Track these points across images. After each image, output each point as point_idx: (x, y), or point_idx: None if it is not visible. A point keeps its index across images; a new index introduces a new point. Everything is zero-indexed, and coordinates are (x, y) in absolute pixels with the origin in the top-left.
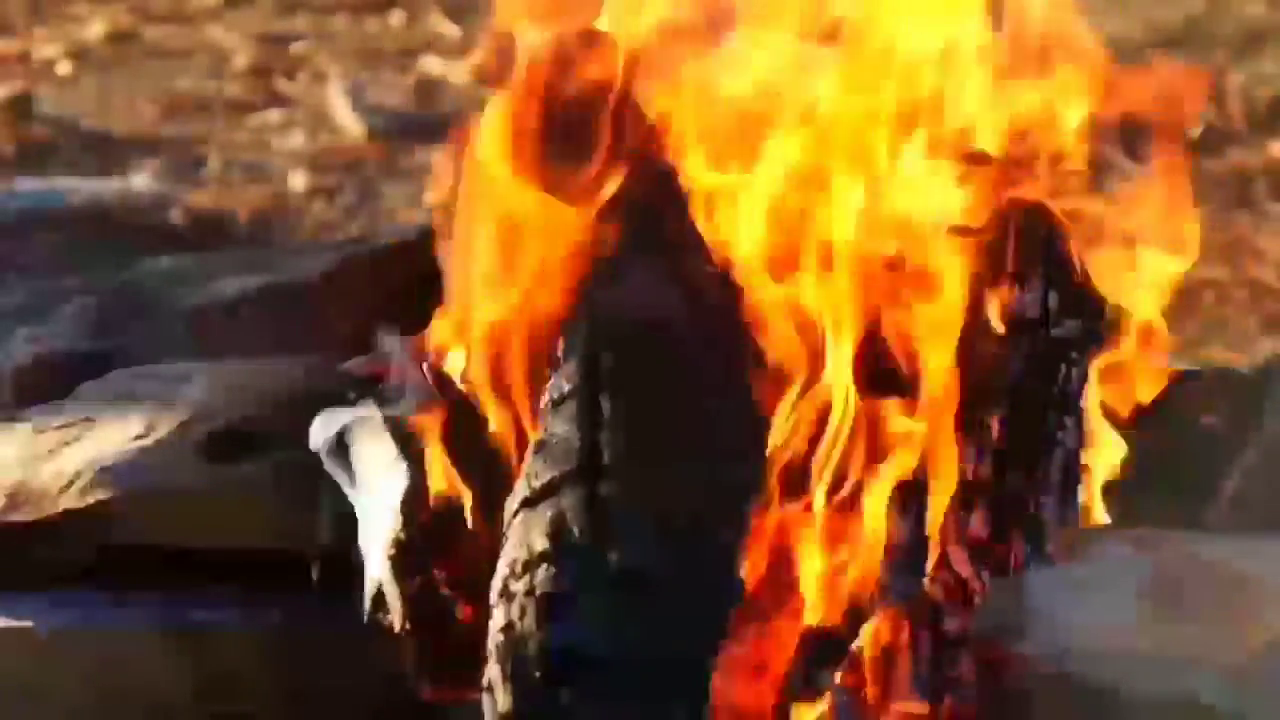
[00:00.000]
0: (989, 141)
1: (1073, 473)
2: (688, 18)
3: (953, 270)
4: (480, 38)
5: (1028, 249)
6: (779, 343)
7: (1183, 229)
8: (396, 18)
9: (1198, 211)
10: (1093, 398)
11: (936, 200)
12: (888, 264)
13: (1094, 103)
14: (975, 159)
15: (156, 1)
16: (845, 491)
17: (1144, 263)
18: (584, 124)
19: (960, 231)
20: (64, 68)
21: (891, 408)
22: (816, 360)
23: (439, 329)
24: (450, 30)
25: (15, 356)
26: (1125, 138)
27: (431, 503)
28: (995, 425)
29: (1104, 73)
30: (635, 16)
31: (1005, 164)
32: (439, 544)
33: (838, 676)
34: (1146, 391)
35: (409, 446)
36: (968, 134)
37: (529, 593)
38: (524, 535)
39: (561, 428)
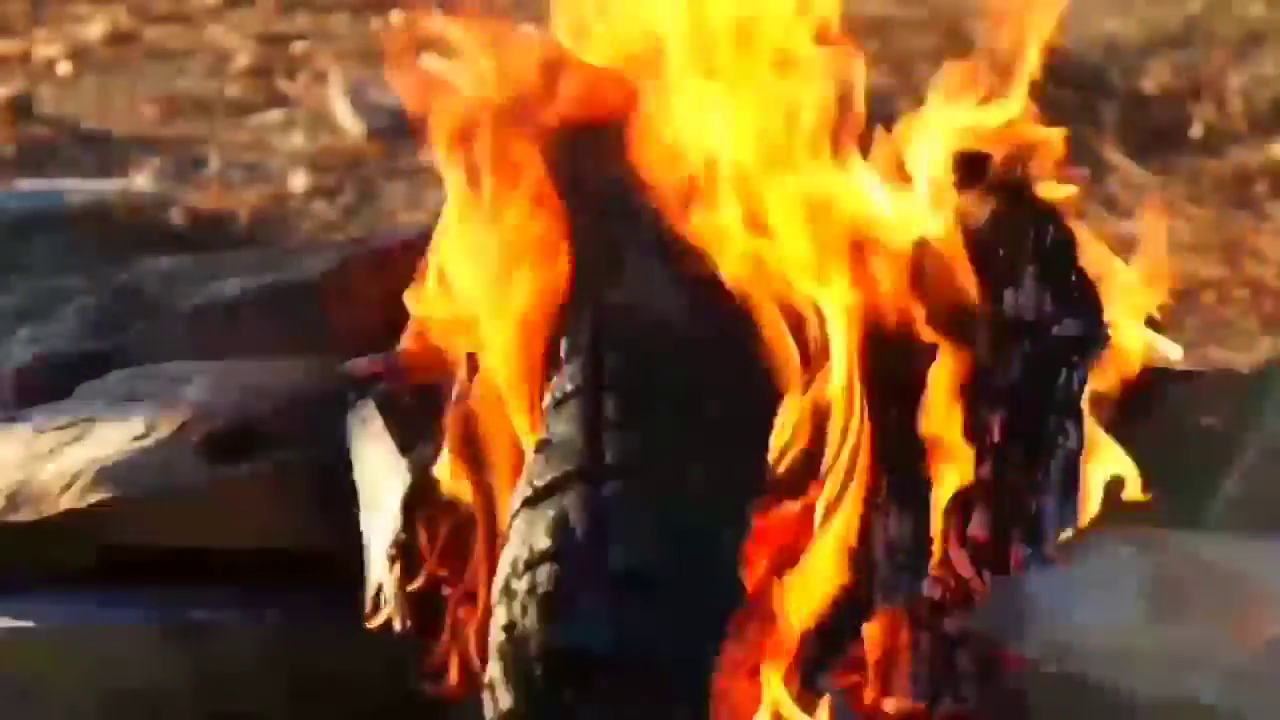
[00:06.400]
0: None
1: (1073, 473)
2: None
3: (951, 269)
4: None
5: (1025, 249)
6: (780, 342)
7: None
8: (396, 18)
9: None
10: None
11: (935, 199)
12: (889, 262)
13: None
14: (971, 161)
15: (156, 1)
16: (845, 491)
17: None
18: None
19: (957, 229)
20: (64, 68)
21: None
22: (818, 359)
23: (440, 328)
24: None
25: (15, 356)
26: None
27: (432, 503)
28: (995, 426)
29: None
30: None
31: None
32: (439, 544)
33: (837, 677)
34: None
35: (409, 446)
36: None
37: (531, 592)
38: (526, 534)
39: (563, 428)
